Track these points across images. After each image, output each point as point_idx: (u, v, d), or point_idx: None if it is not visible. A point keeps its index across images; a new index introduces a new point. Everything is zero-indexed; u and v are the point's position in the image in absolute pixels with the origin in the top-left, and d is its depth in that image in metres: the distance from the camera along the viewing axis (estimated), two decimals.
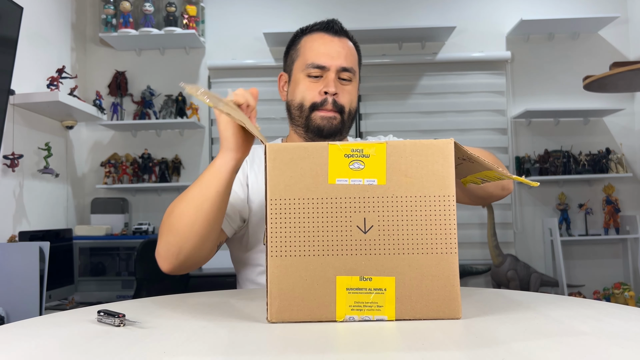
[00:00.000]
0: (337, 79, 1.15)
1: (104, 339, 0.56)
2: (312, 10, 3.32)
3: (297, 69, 1.18)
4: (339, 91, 1.15)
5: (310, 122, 1.16)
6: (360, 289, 0.62)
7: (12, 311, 1.85)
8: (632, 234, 3.11)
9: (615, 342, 0.51)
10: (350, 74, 1.17)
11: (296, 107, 1.17)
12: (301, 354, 0.49)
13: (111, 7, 3.13)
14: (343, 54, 1.16)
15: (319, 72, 1.14)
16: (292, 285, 0.62)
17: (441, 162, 0.62)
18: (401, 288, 0.62)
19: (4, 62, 2.09)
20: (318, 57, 1.14)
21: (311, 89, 1.15)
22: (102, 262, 2.92)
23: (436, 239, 0.63)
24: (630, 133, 3.30)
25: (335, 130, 1.17)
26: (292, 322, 0.62)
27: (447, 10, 3.36)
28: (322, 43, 1.17)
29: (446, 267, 0.62)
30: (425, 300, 0.62)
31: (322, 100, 1.14)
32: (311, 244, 0.62)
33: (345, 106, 1.17)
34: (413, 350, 0.49)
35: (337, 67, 1.14)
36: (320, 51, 1.15)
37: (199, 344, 0.54)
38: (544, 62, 3.34)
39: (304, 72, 1.15)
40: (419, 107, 3.34)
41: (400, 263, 0.62)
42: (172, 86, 3.33)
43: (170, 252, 0.91)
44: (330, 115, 1.14)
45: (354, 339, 0.55)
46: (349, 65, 1.17)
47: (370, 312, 0.62)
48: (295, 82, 1.18)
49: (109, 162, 3.21)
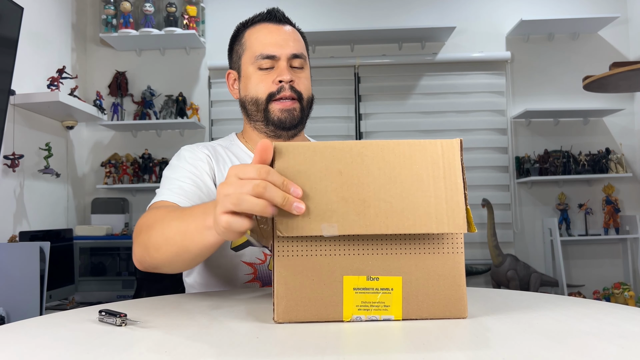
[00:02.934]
0: (289, 67, 1.11)
1: (106, 339, 0.56)
2: (312, 11, 3.32)
3: (245, 63, 1.13)
4: (294, 78, 1.10)
5: (269, 114, 1.10)
6: (367, 288, 0.62)
7: (13, 311, 1.85)
8: (632, 234, 3.11)
9: (615, 342, 0.51)
10: (302, 61, 1.13)
11: (251, 102, 1.12)
12: (305, 355, 0.49)
13: (111, 7, 3.13)
14: (291, 41, 1.12)
15: (270, 62, 1.09)
16: (298, 286, 0.62)
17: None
18: (408, 288, 0.62)
19: (4, 62, 2.09)
20: (266, 47, 1.10)
21: (264, 81, 1.10)
22: (103, 262, 2.92)
23: (443, 238, 0.63)
24: (630, 133, 3.30)
25: (297, 122, 1.12)
26: (299, 323, 0.62)
27: (447, 10, 3.36)
28: (268, 33, 1.12)
29: (453, 267, 0.62)
30: (431, 300, 0.62)
31: (278, 89, 1.09)
32: (318, 244, 0.62)
33: (303, 93, 1.11)
34: (414, 351, 0.50)
35: (287, 55, 1.10)
36: (267, 41, 1.11)
37: (200, 344, 0.54)
38: (543, 62, 3.34)
39: (253, 65, 1.11)
40: (419, 107, 3.34)
41: (407, 263, 0.62)
42: (173, 86, 3.33)
43: (146, 265, 0.88)
44: (289, 106, 1.09)
45: (357, 339, 0.55)
46: (299, 52, 1.12)
47: (377, 311, 0.62)
48: (246, 77, 1.13)
49: (109, 162, 3.21)
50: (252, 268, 1.07)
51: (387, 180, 0.61)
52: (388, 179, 0.61)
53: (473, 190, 3.25)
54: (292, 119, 1.10)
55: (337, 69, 3.36)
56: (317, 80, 3.29)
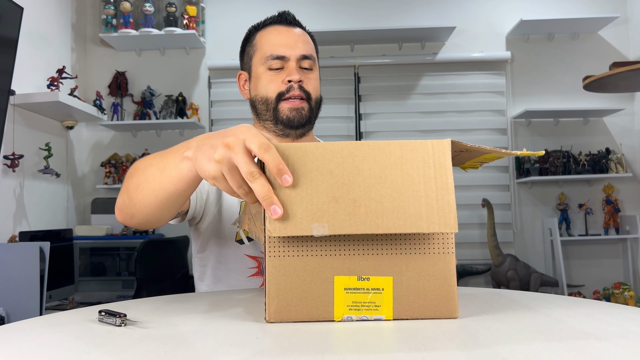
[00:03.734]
0: (299, 68, 1.13)
1: (105, 339, 0.56)
2: (312, 11, 3.33)
3: (256, 64, 1.16)
4: (303, 79, 1.13)
5: (278, 113, 1.12)
6: (358, 288, 0.62)
7: (12, 311, 1.85)
8: (632, 234, 3.11)
9: (615, 342, 0.51)
10: (311, 62, 1.16)
11: (261, 101, 1.14)
12: (305, 354, 0.49)
13: (111, 7, 3.13)
14: (300, 42, 1.15)
15: (280, 63, 1.12)
16: (290, 286, 0.62)
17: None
18: (399, 288, 0.62)
19: (4, 62, 2.09)
20: (276, 48, 1.13)
21: (274, 81, 1.12)
22: (103, 262, 2.92)
23: (433, 238, 0.63)
24: (630, 133, 3.30)
25: (305, 121, 1.14)
26: (291, 322, 0.63)
27: (447, 10, 3.36)
28: (278, 34, 1.15)
29: (443, 267, 0.62)
30: (422, 300, 0.62)
31: (287, 88, 1.11)
32: (309, 244, 0.63)
33: (312, 93, 1.14)
34: (413, 351, 0.50)
35: (297, 56, 1.13)
36: (278, 42, 1.14)
37: (199, 344, 0.54)
38: (543, 62, 3.34)
39: (264, 65, 1.13)
40: (419, 107, 3.35)
41: (398, 263, 0.63)
42: (173, 86, 3.33)
43: (125, 212, 0.87)
44: (298, 105, 1.12)
45: (352, 339, 0.55)
46: (309, 53, 1.15)
47: (367, 311, 0.63)
48: (256, 77, 1.16)
49: (109, 162, 3.21)
50: (255, 262, 1.10)
51: (378, 180, 0.61)
52: (379, 179, 0.61)
53: (473, 190, 3.25)
54: (300, 118, 1.12)
55: (337, 69, 3.36)
56: None
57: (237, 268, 1.10)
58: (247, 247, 1.10)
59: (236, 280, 1.10)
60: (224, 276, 1.12)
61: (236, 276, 1.10)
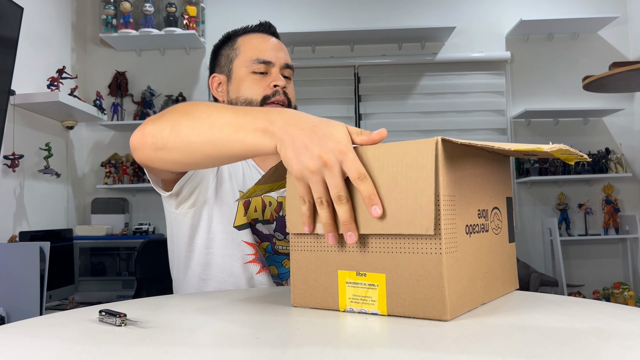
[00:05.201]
0: (281, 75, 1.18)
1: (106, 339, 0.56)
2: (312, 11, 3.32)
3: (238, 67, 1.18)
4: (287, 85, 1.17)
5: None
6: (357, 283, 0.66)
7: (13, 311, 1.85)
8: (631, 233, 3.11)
9: (615, 342, 0.51)
10: (291, 72, 1.21)
11: (244, 103, 1.16)
12: (306, 354, 0.49)
13: (111, 7, 3.13)
14: (282, 52, 1.20)
15: (264, 67, 1.15)
16: (306, 276, 0.70)
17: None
18: (391, 285, 0.64)
19: (4, 62, 2.09)
20: (262, 53, 1.16)
21: (259, 84, 1.15)
22: (103, 262, 2.92)
23: (421, 239, 0.62)
24: (630, 133, 3.30)
25: None
26: (310, 309, 0.70)
27: (446, 10, 3.36)
28: (263, 41, 1.19)
29: (432, 268, 0.61)
30: (412, 299, 0.62)
31: (273, 92, 1.14)
32: (319, 240, 0.69)
33: (292, 100, 1.18)
34: (413, 350, 0.50)
35: (281, 64, 1.17)
36: (263, 48, 1.17)
37: (200, 344, 0.54)
38: (543, 62, 3.35)
39: (247, 68, 1.16)
40: (419, 107, 3.35)
41: (390, 262, 0.64)
42: (173, 86, 3.33)
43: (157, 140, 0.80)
44: (281, 107, 1.14)
45: (352, 337, 0.56)
46: (290, 63, 1.21)
47: (365, 305, 0.65)
48: (238, 79, 1.17)
49: (109, 162, 3.21)
50: (253, 248, 1.11)
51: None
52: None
53: None
54: None
55: (337, 69, 3.36)
56: (317, 81, 3.30)
57: (234, 254, 1.09)
58: (245, 233, 1.10)
59: (231, 266, 1.09)
60: (218, 262, 1.11)
61: (231, 262, 1.09)
